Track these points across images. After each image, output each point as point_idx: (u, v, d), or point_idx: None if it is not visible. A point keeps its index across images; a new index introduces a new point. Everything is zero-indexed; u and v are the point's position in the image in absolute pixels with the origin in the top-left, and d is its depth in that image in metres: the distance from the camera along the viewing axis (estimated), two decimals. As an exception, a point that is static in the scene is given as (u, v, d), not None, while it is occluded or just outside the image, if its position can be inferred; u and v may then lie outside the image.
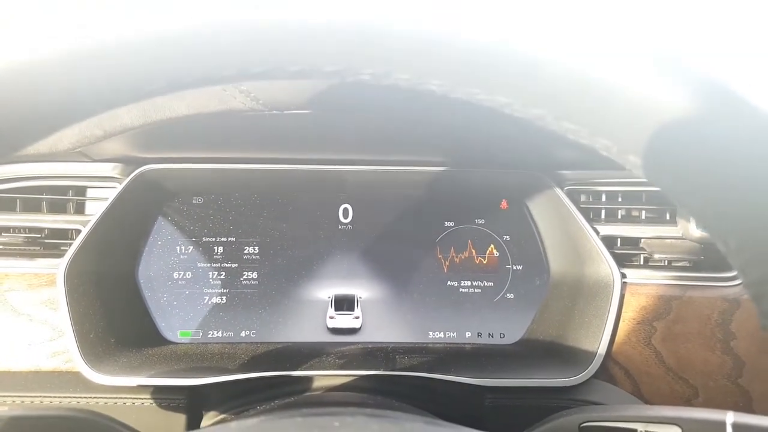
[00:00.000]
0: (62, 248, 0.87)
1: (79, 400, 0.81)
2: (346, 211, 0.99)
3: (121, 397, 0.81)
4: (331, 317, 0.96)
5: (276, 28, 0.28)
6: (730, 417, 0.51)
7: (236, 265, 0.97)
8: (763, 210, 0.29)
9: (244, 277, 0.97)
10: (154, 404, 0.81)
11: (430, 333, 0.98)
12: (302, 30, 0.28)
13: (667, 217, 0.92)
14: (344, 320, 0.96)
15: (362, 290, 0.98)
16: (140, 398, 0.81)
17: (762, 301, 0.31)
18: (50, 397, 0.81)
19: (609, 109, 0.29)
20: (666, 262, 0.90)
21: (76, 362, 0.80)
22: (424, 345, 0.96)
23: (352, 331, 0.97)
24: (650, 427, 0.54)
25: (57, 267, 0.82)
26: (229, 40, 0.28)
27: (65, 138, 0.79)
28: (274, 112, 0.65)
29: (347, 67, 0.30)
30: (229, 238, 0.98)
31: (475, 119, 0.77)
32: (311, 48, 0.29)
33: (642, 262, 0.91)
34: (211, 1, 0.27)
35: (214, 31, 0.28)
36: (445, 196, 0.99)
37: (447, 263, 1.00)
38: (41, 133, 0.31)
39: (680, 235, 0.89)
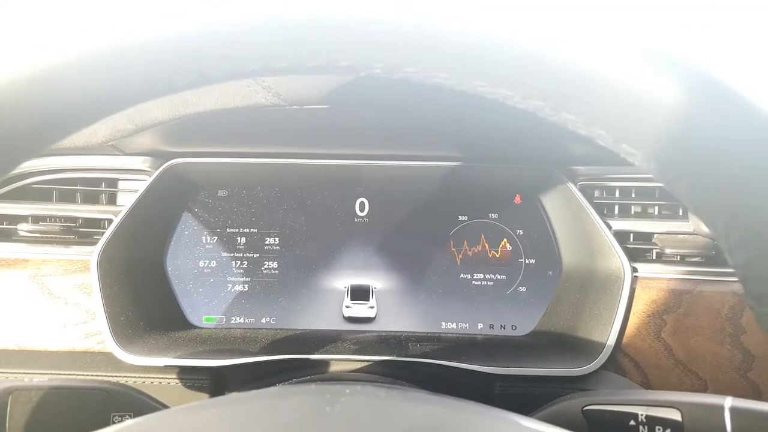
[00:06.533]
0: (95, 237, 0.91)
1: (110, 378, 0.85)
2: (362, 204, 1.03)
3: (149, 377, 0.86)
4: (347, 306, 0.99)
5: (295, 26, 0.31)
6: (728, 401, 0.53)
7: (258, 255, 1.02)
8: (747, 193, 0.31)
9: (265, 266, 1.01)
10: (179, 384, 0.86)
11: (443, 324, 1.01)
12: (318, 27, 0.31)
13: (680, 212, 0.93)
14: (359, 309, 0.99)
15: (377, 281, 1.01)
16: (167, 378, 0.86)
17: (748, 283, 0.33)
18: (83, 374, 0.86)
19: (602, 100, 0.31)
20: (678, 257, 0.92)
21: (108, 343, 0.85)
22: (437, 335, 0.99)
23: (367, 320, 1.00)
24: (651, 410, 0.56)
25: (91, 254, 0.87)
26: (254, 38, 0.31)
27: (99, 132, 0.84)
28: (294, 107, 0.69)
29: (360, 62, 0.33)
30: (252, 230, 1.02)
31: (490, 115, 0.80)
32: (326, 44, 0.32)
33: (654, 257, 0.92)
34: (238, 3, 0.30)
35: (241, 30, 0.31)
36: (459, 191, 1.02)
37: (460, 256, 1.02)
38: (85, 123, 0.34)
39: (692, 230, 0.90)
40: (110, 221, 0.90)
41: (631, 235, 0.92)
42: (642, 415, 0.57)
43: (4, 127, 0.30)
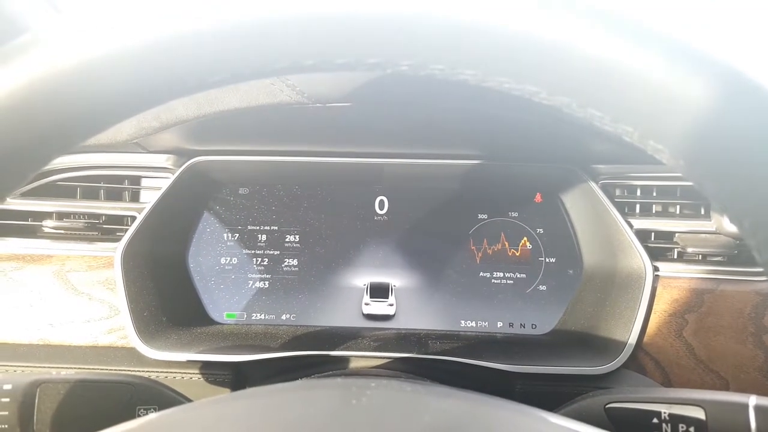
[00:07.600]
0: (118, 233, 0.93)
1: (133, 373, 0.87)
2: (382, 202, 1.03)
3: (171, 372, 0.87)
4: (367, 304, 1.00)
5: (324, 23, 0.31)
6: (752, 400, 0.53)
7: (278, 252, 1.02)
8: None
9: (286, 263, 1.02)
10: (201, 379, 0.87)
11: (462, 322, 1.01)
12: (347, 24, 0.31)
13: (702, 211, 0.92)
14: (379, 307, 1.00)
15: (396, 279, 1.02)
16: (189, 373, 0.87)
17: None
18: (107, 369, 0.87)
19: (629, 95, 0.31)
20: (699, 256, 0.91)
21: (131, 338, 0.86)
22: (456, 333, 0.99)
23: (386, 317, 1.00)
24: (674, 408, 0.56)
25: (114, 250, 0.88)
26: (283, 35, 0.31)
27: (124, 129, 0.85)
28: (318, 105, 0.69)
29: (387, 59, 0.33)
30: (272, 227, 1.03)
31: (511, 113, 0.80)
32: (355, 41, 0.32)
33: (676, 256, 0.92)
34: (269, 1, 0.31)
35: (270, 26, 0.31)
36: (480, 189, 1.02)
37: (480, 254, 1.02)
38: (114, 121, 0.34)
39: (714, 229, 0.89)
40: (133, 218, 0.92)
41: (653, 234, 0.92)
42: (665, 413, 0.56)
43: (37, 123, 0.31)
